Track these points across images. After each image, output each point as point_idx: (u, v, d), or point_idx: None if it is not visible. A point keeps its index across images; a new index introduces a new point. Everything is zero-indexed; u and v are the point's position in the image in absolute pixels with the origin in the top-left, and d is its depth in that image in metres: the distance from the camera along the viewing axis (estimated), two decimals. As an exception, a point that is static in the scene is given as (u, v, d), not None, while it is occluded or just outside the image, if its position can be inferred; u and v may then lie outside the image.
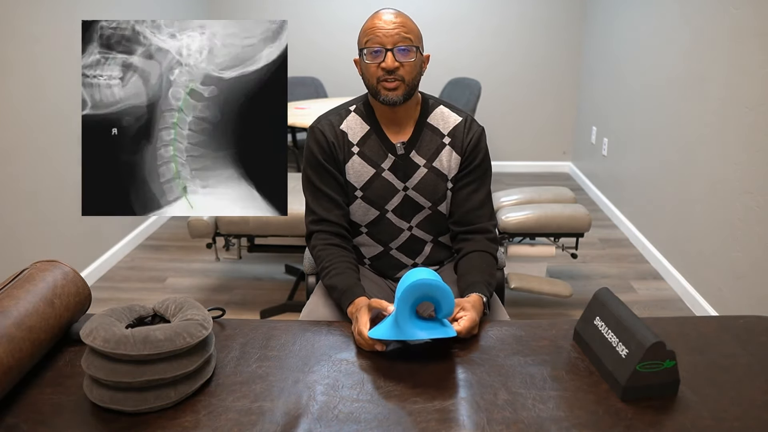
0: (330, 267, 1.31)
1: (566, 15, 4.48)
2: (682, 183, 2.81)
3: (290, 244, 2.73)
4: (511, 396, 0.95)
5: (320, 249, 1.36)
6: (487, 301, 1.24)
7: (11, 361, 0.89)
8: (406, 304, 1.03)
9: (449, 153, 1.38)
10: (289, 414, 0.90)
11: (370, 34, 1.27)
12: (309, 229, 1.40)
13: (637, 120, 3.42)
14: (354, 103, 1.41)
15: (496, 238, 1.41)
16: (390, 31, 1.25)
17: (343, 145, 1.37)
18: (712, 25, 2.54)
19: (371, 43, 1.26)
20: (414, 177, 1.38)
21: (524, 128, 4.77)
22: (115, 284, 2.90)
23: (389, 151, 1.37)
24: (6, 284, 1.02)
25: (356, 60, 1.35)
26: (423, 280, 1.03)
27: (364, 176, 1.37)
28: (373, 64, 1.27)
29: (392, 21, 1.27)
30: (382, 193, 1.38)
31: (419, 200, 1.39)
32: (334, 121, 1.38)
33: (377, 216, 1.41)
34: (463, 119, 1.40)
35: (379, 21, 1.27)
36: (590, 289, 2.81)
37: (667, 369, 0.93)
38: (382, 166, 1.37)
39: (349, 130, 1.38)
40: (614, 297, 1.07)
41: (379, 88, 1.29)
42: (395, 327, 1.03)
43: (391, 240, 1.44)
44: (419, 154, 1.37)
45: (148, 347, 0.87)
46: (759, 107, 2.18)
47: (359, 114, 1.39)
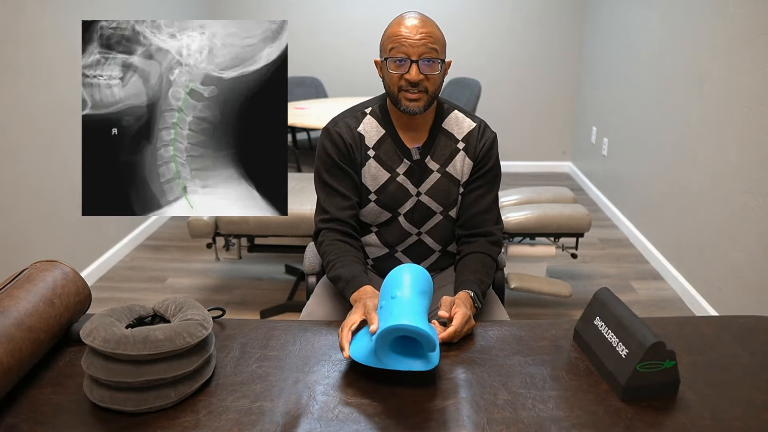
0: (336, 260, 1.30)
1: (567, 15, 4.48)
2: (682, 183, 2.81)
3: (290, 244, 2.73)
4: (511, 396, 0.95)
5: (327, 244, 1.35)
6: (476, 296, 1.23)
7: (11, 361, 0.89)
8: (384, 342, 0.96)
9: (462, 158, 1.37)
10: (289, 414, 0.90)
11: (395, 41, 1.23)
12: (318, 227, 1.39)
13: (637, 120, 3.42)
14: (370, 105, 1.40)
15: (499, 242, 1.39)
16: (416, 42, 1.22)
17: (361, 148, 1.36)
18: (713, 25, 2.54)
19: (396, 52, 1.23)
20: (427, 182, 1.37)
21: (524, 128, 4.77)
22: (115, 284, 2.90)
23: (404, 155, 1.36)
24: (6, 284, 1.02)
25: (377, 61, 1.32)
26: (399, 325, 0.93)
27: (379, 180, 1.37)
28: (396, 73, 1.25)
29: (419, 30, 1.22)
30: (396, 198, 1.38)
31: (431, 205, 1.39)
32: (351, 123, 1.37)
33: (389, 218, 1.40)
34: (478, 125, 1.39)
35: (405, 29, 1.23)
36: (590, 289, 2.81)
37: (667, 369, 0.93)
38: (397, 171, 1.36)
39: (366, 133, 1.37)
40: (614, 297, 1.07)
41: (400, 97, 1.27)
42: (374, 355, 0.97)
43: (398, 243, 1.43)
44: (433, 159, 1.37)
45: (148, 347, 0.87)
46: (759, 107, 2.18)
47: (375, 117, 1.38)
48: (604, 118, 4.02)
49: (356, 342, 1.02)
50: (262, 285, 2.88)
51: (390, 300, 1.02)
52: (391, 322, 0.94)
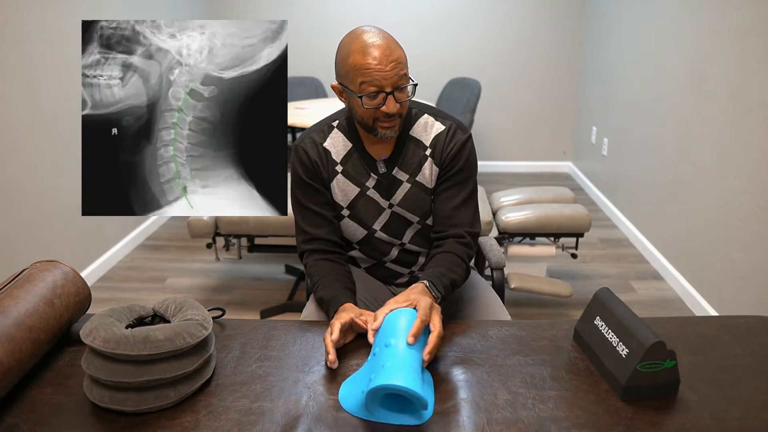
0: (318, 282, 1.27)
1: (567, 15, 4.48)
2: (682, 183, 2.81)
3: (290, 244, 2.72)
4: (511, 396, 0.95)
5: (311, 266, 1.31)
6: (432, 285, 1.16)
7: (11, 361, 0.89)
8: (374, 398, 0.89)
9: (430, 165, 1.32)
10: (289, 414, 0.90)
11: (365, 74, 1.16)
12: (300, 249, 1.35)
13: (637, 120, 3.42)
14: (337, 118, 1.35)
15: (469, 244, 1.31)
16: (389, 73, 1.15)
17: (327, 164, 1.31)
18: (713, 25, 2.54)
19: (368, 86, 1.16)
20: (398, 193, 1.32)
21: (524, 128, 4.77)
22: (115, 284, 2.90)
23: (371, 169, 1.31)
24: (6, 284, 1.02)
25: (336, 88, 1.25)
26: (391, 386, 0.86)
27: (349, 195, 1.33)
28: (371, 107, 1.19)
29: (388, 59, 1.15)
30: (369, 212, 1.34)
31: (407, 216, 1.35)
32: (317, 138, 1.32)
33: (366, 235, 1.37)
34: (447, 128, 1.32)
35: (372, 59, 1.15)
36: (590, 289, 2.81)
37: (667, 369, 0.93)
38: (366, 185, 1.32)
39: (332, 147, 1.32)
40: (614, 297, 1.07)
41: (376, 126, 1.22)
42: (364, 408, 0.91)
43: (384, 256, 1.41)
44: (401, 169, 1.32)
45: (148, 347, 0.87)
46: (759, 107, 2.18)
47: (341, 130, 1.33)
48: (604, 118, 4.03)
49: (347, 389, 0.97)
50: (262, 285, 2.88)
51: (384, 348, 0.96)
52: (382, 381, 0.87)
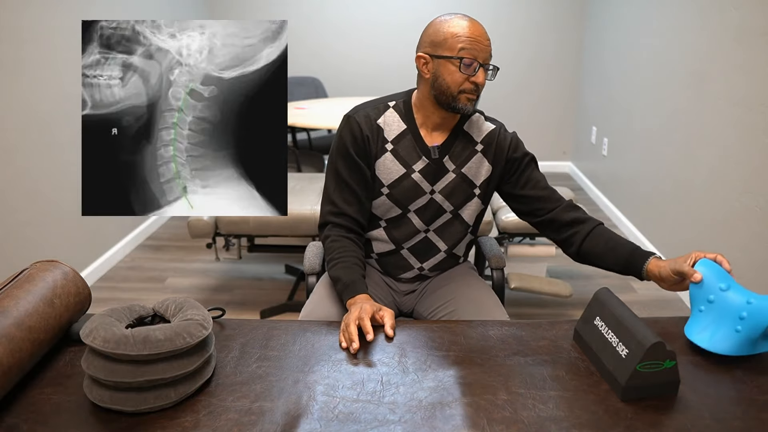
0: (339, 259, 1.32)
1: (567, 15, 4.48)
2: (682, 183, 2.81)
3: (290, 244, 2.73)
4: (511, 396, 0.95)
5: (333, 240, 1.36)
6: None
7: (11, 361, 0.89)
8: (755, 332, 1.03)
9: (480, 160, 1.39)
10: (289, 414, 0.90)
11: (465, 42, 1.24)
12: (325, 219, 1.40)
13: (637, 120, 3.42)
14: (394, 99, 1.40)
15: (576, 206, 1.40)
16: (485, 48, 1.26)
17: (378, 140, 1.36)
18: (713, 25, 2.54)
19: (467, 54, 1.24)
20: (442, 181, 1.38)
21: (524, 128, 4.77)
22: (115, 284, 2.90)
23: (423, 153, 1.36)
24: (6, 284, 1.02)
25: (425, 57, 1.30)
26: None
27: (393, 174, 1.37)
28: (463, 74, 1.26)
29: (484, 35, 1.26)
30: (409, 194, 1.38)
31: (443, 204, 1.40)
32: (371, 114, 1.37)
33: (399, 214, 1.41)
34: (497, 127, 1.41)
35: (474, 32, 1.25)
36: (590, 289, 2.81)
37: (667, 369, 0.93)
38: (413, 168, 1.37)
39: (386, 126, 1.37)
40: (614, 297, 1.07)
41: (460, 97, 1.28)
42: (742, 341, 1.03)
43: (406, 240, 1.44)
44: (451, 159, 1.38)
45: (148, 347, 0.87)
46: (759, 107, 2.18)
47: (398, 111, 1.38)
48: (604, 118, 4.03)
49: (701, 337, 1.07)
50: (262, 285, 2.88)
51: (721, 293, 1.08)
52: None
